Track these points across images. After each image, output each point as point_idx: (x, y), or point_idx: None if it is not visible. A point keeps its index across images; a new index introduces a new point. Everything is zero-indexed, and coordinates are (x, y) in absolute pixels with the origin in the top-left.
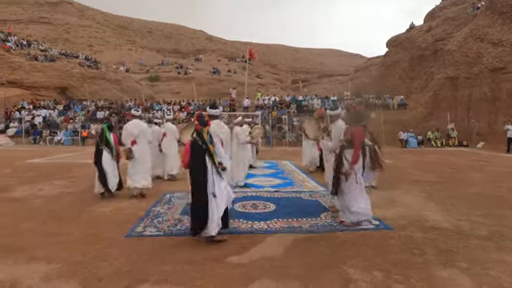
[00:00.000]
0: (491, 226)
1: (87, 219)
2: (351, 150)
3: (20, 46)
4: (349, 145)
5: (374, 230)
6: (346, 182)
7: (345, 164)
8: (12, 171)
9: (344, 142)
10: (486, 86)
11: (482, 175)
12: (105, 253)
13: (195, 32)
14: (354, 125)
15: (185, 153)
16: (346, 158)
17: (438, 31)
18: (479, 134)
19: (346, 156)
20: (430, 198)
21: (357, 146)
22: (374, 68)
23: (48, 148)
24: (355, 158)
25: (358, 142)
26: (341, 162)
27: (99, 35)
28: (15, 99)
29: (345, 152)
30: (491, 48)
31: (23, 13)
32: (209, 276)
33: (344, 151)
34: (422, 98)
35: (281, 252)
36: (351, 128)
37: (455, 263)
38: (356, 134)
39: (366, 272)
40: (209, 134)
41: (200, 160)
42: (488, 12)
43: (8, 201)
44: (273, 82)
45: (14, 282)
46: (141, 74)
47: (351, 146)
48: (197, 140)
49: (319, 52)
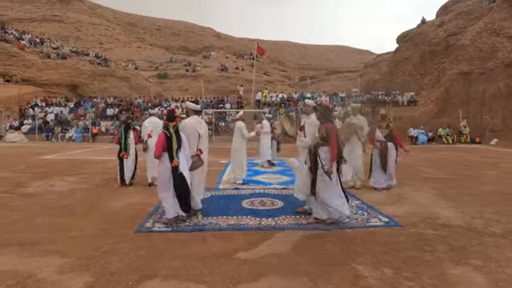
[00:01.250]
0: (506, 224)
1: (98, 215)
2: (326, 147)
3: (33, 44)
4: (323, 142)
5: (384, 227)
6: (324, 179)
7: (320, 162)
8: (26, 167)
9: (318, 139)
10: (500, 82)
11: (496, 172)
12: (115, 248)
13: (204, 29)
14: (326, 121)
15: (157, 144)
16: (320, 155)
17: (450, 26)
18: (493, 131)
19: (320, 154)
20: (441, 195)
21: (333, 142)
22: (384, 64)
23: (60, 145)
24: (334, 155)
25: (333, 138)
26: (316, 159)
27: (109, 33)
28: (29, 96)
29: (319, 150)
30: (507, 42)
31: (37, 11)
32: (217, 272)
33: (319, 149)
34: (433, 94)
35: (289, 248)
36: (325, 125)
37: (468, 261)
38: (331, 130)
39: (375, 269)
40: (175, 128)
41: (170, 150)
42: (504, 5)
43: (23, 196)
44: (280, 79)
45: (30, 274)
46: (150, 72)
47: (326, 143)
48: (166, 133)
49: (327, 48)
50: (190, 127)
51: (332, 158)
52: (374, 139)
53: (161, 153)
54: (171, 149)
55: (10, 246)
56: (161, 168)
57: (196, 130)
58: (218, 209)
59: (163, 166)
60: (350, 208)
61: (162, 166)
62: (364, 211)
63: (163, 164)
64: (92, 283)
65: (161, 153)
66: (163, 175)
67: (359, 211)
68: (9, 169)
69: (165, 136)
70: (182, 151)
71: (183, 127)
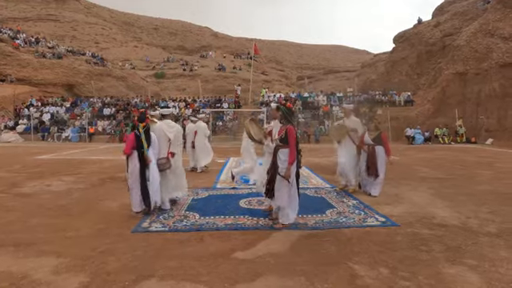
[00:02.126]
0: (500, 224)
1: (95, 215)
2: (286, 149)
3: (28, 43)
4: (283, 144)
5: (381, 227)
6: (281, 183)
7: (279, 164)
8: (21, 167)
9: (278, 141)
10: (495, 82)
11: (491, 172)
12: (112, 248)
13: (201, 29)
14: (287, 123)
15: (127, 142)
16: (280, 158)
17: (446, 26)
18: (488, 131)
19: (280, 156)
20: (437, 194)
21: (292, 145)
22: (381, 64)
23: (56, 144)
24: (292, 157)
25: (292, 140)
26: (275, 162)
27: (105, 32)
28: (24, 96)
29: (279, 152)
30: (502, 43)
31: (32, 10)
32: (215, 272)
33: (278, 151)
34: (430, 94)
35: (286, 248)
36: (286, 126)
37: (463, 260)
38: (290, 132)
39: (371, 268)
40: (144, 129)
41: (139, 148)
42: (499, 6)
43: (18, 196)
44: (278, 78)
45: (24, 275)
46: (147, 71)
47: (286, 144)
48: (135, 132)
49: (325, 48)
50: (158, 131)
51: (290, 160)
52: (362, 142)
53: (130, 151)
54: (141, 148)
55: (5, 246)
56: (131, 165)
57: (165, 134)
58: (216, 208)
59: (132, 163)
60: (348, 208)
61: (131, 164)
62: (361, 211)
63: (133, 162)
64: (87, 283)
65: (130, 151)
66: (133, 172)
67: (356, 211)
68: (4, 169)
69: (134, 135)
70: (151, 150)
71: (153, 130)
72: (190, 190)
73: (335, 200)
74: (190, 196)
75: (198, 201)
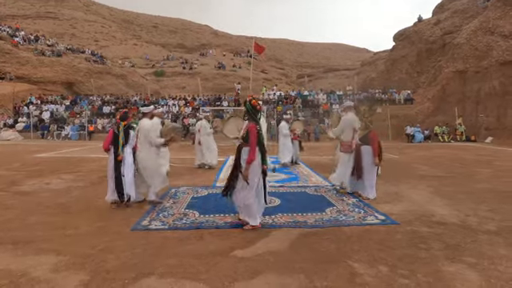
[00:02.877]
0: (499, 221)
1: (94, 213)
2: (247, 147)
3: (28, 41)
4: (245, 142)
5: (380, 225)
6: (241, 182)
7: (241, 163)
8: (21, 165)
9: (240, 139)
10: (495, 80)
11: (490, 170)
12: (111, 246)
13: (201, 27)
14: (251, 121)
15: (106, 139)
16: (242, 157)
17: (446, 24)
18: (488, 129)
19: (242, 155)
20: (436, 192)
21: (253, 143)
22: (381, 62)
23: (56, 142)
24: (252, 156)
25: (253, 139)
26: (238, 160)
27: (105, 30)
28: (23, 94)
29: (242, 151)
30: (502, 41)
31: (31, 8)
32: (214, 269)
33: (242, 149)
34: (430, 92)
35: (286, 246)
36: (248, 124)
37: (462, 258)
38: (251, 130)
39: (371, 266)
40: (125, 127)
41: (116, 145)
42: (499, 4)
43: (17, 194)
44: (278, 76)
45: (23, 273)
46: (146, 69)
47: (247, 143)
48: (114, 130)
49: (325, 46)
50: (141, 129)
51: (248, 160)
52: (353, 141)
53: (108, 146)
54: (117, 144)
55: (4, 244)
56: (108, 160)
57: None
58: (215, 207)
59: (110, 158)
60: (347, 206)
61: (109, 159)
62: (361, 209)
63: (110, 156)
64: (87, 281)
65: (108, 146)
66: (109, 165)
67: (356, 209)
68: (3, 167)
69: (113, 132)
70: (128, 147)
71: (139, 128)
72: (189, 188)
73: (335, 198)
74: (189, 194)
75: (198, 199)
